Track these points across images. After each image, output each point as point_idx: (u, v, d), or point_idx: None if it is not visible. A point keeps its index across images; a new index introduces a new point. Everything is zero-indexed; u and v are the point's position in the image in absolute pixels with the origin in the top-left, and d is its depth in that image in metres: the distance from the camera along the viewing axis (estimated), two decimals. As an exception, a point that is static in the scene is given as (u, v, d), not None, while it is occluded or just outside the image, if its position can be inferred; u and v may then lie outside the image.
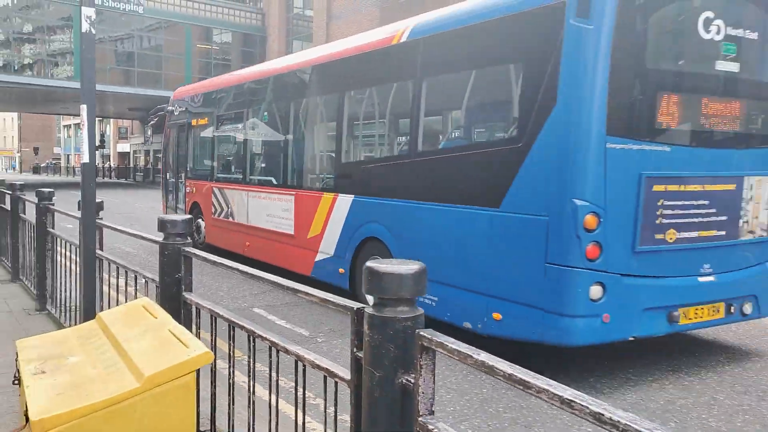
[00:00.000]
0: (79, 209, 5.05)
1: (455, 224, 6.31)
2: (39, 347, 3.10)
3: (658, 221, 5.41)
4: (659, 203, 5.39)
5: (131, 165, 61.44)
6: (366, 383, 2.07)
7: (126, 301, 4.57)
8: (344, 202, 8.08)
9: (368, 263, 2.05)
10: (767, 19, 5.97)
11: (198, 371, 2.93)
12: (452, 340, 1.80)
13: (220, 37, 42.35)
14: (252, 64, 12.98)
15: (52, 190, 6.92)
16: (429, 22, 7.08)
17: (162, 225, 3.76)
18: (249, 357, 2.96)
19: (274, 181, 10.03)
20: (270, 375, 2.85)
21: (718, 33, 5.59)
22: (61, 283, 6.36)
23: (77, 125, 74.89)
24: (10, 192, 8.63)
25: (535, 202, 5.44)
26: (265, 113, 10.58)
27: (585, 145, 5.15)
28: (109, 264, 5.01)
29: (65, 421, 2.35)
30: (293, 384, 2.69)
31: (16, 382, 3.05)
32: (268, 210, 9.93)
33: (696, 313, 5.68)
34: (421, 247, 6.74)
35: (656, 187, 5.36)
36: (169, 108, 13.90)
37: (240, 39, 42.06)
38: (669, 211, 5.45)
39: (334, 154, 8.57)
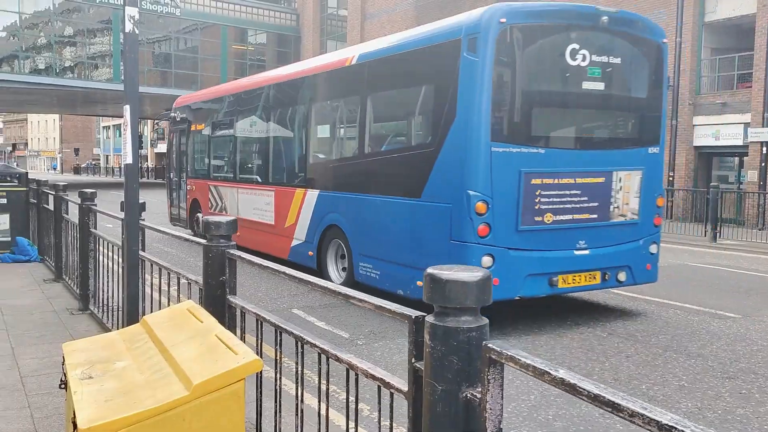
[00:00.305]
0: (121, 210, 5.04)
1: (391, 212, 7.84)
2: (85, 351, 3.06)
3: (536, 207, 6.82)
4: (537, 193, 6.81)
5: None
6: (426, 396, 1.96)
7: (168, 303, 4.54)
8: (312, 196, 9.68)
9: (429, 270, 1.94)
10: (630, 47, 7.40)
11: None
12: (524, 354, 1.68)
13: (255, 38, 42.63)
14: (286, 64, 13.24)
15: (94, 190, 6.95)
16: (371, 50, 8.67)
17: (206, 227, 3.70)
18: (297, 363, 2.87)
19: (259, 179, 11.66)
20: (319, 383, 2.76)
21: (584, 60, 7.02)
22: (103, 284, 6.39)
23: (116, 126, 76.34)
24: (53, 192, 8.73)
25: (443, 193, 6.97)
26: (250, 120, 12.13)
27: (475, 149, 6.63)
28: (152, 265, 4.98)
29: (114, 430, 2.29)
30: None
31: (63, 386, 3.01)
32: (254, 204, 11.57)
33: (573, 279, 7.08)
34: (368, 232, 8.29)
35: (534, 181, 6.79)
36: (172, 114, 15.32)
37: (274, 39, 42.30)
38: (546, 199, 6.86)
39: (304, 156, 10.22)
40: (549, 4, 7.40)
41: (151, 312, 4.61)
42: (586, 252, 7.11)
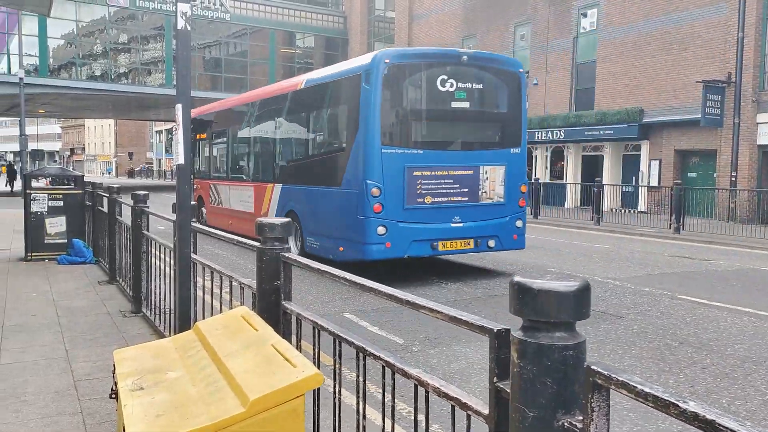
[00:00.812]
0: (173, 212, 4.92)
1: (323, 198, 10.55)
2: (137, 359, 2.92)
3: (418, 191, 9.32)
4: (418, 182, 9.31)
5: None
6: (514, 423, 1.71)
7: (220, 307, 4.40)
8: (277, 189, 12.49)
9: (517, 278, 1.69)
10: (489, 76, 9.99)
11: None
12: (639, 380, 1.42)
13: (303, 41, 42.88)
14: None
15: (147, 192, 6.91)
16: (314, 78, 11.64)
17: (260, 229, 3.53)
18: (358, 376, 2.66)
19: (243, 177, 14.66)
20: (383, 398, 2.55)
21: (451, 86, 9.56)
22: (155, 286, 6.32)
23: (168, 130, 77.99)
24: (107, 195, 8.78)
25: (352, 182, 9.55)
26: (236, 130, 15.37)
27: (371, 151, 9.18)
28: (203, 268, 4.85)
29: (165, 449, 2.11)
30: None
31: (113, 396, 2.87)
32: (240, 197, 14.52)
33: (451, 245, 9.60)
34: (312, 214, 10.96)
35: (415, 173, 9.30)
36: None
37: (322, 42, 42.47)
38: (426, 186, 9.37)
39: (273, 158, 13.18)
40: (425, 48, 10.38)
41: (203, 315, 4.48)
42: (461, 225, 9.58)
